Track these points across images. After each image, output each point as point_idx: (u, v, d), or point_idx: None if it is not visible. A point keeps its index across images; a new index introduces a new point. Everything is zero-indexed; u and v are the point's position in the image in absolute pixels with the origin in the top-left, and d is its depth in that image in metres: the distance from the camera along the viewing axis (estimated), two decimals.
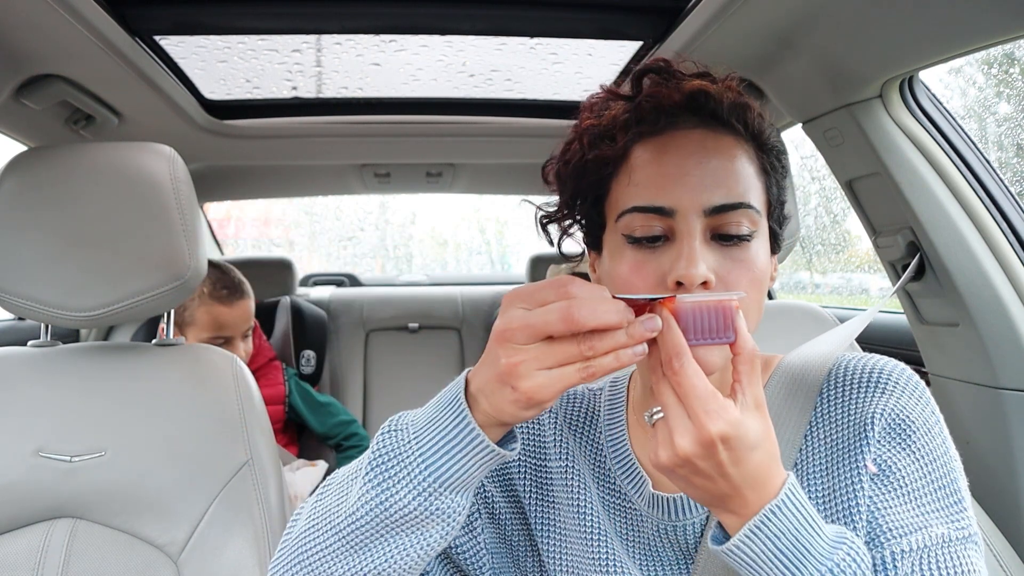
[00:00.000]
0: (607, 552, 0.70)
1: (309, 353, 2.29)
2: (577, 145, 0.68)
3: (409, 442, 0.57)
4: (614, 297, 0.52)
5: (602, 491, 0.74)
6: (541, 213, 0.75)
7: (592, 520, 0.71)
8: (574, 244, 0.77)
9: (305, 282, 3.01)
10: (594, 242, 0.71)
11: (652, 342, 0.54)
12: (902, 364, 0.69)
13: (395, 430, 0.59)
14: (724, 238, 0.62)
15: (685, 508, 0.68)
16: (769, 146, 0.67)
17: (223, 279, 1.75)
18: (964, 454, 0.68)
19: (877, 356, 0.70)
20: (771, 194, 0.67)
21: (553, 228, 0.76)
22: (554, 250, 0.78)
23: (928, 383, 1.27)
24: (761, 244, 0.64)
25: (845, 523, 0.63)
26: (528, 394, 0.51)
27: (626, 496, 0.72)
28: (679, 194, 0.61)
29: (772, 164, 0.67)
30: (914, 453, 0.64)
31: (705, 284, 0.60)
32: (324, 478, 2.00)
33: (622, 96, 0.67)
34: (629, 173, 0.64)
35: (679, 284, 0.60)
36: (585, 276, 2.26)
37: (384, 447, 0.58)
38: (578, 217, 0.72)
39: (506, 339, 0.52)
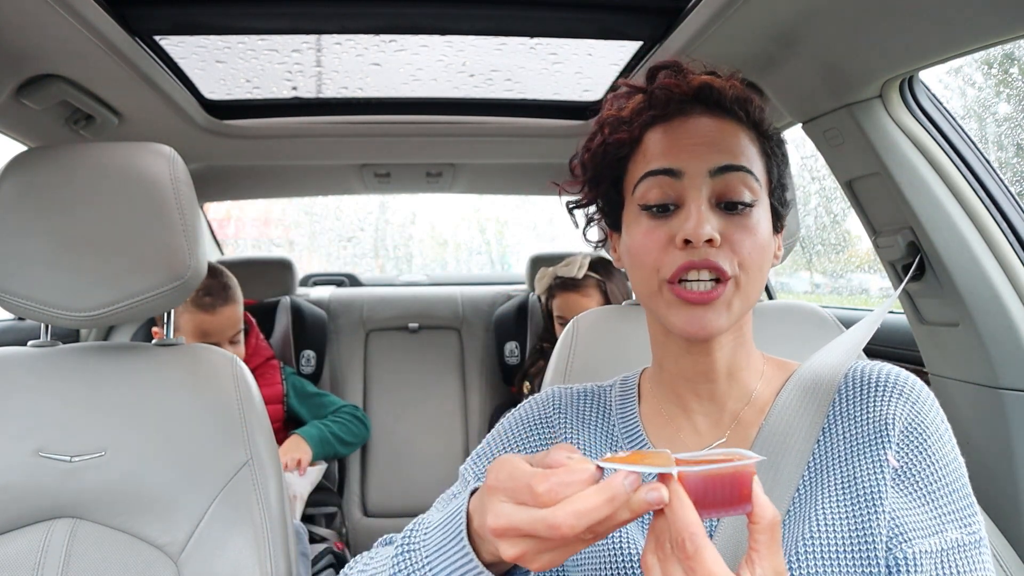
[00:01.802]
0: (622, 533, 0.70)
1: (309, 353, 2.29)
2: (599, 134, 0.74)
3: (423, 567, 0.59)
4: (599, 466, 0.48)
5: None
6: (568, 198, 0.81)
7: None
8: (584, 235, 0.84)
9: (305, 282, 3.00)
10: (614, 223, 0.77)
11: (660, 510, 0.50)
12: (911, 374, 0.72)
13: (410, 551, 0.61)
14: (728, 206, 0.67)
15: None
16: (769, 134, 0.73)
17: (208, 284, 1.72)
18: (964, 454, 0.70)
19: (888, 364, 0.73)
20: (771, 174, 0.73)
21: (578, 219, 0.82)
22: (553, 249, 0.81)
23: (928, 383, 1.27)
24: (763, 214, 0.69)
25: (866, 508, 0.65)
26: (540, 569, 0.51)
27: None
28: (686, 158, 0.68)
29: (772, 149, 0.73)
30: (929, 458, 0.67)
31: (710, 242, 0.65)
32: (322, 478, 1.97)
33: (638, 88, 0.74)
34: (643, 152, 0.71)
35: (687, 242, 0.65)
36: (573, 280, 2.24)
37: (402, 571, 0.61)
38: (600, 202, 0.78)
39: (500, 536, 0.51)
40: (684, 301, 0.66)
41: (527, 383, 2.18)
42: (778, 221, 0.74)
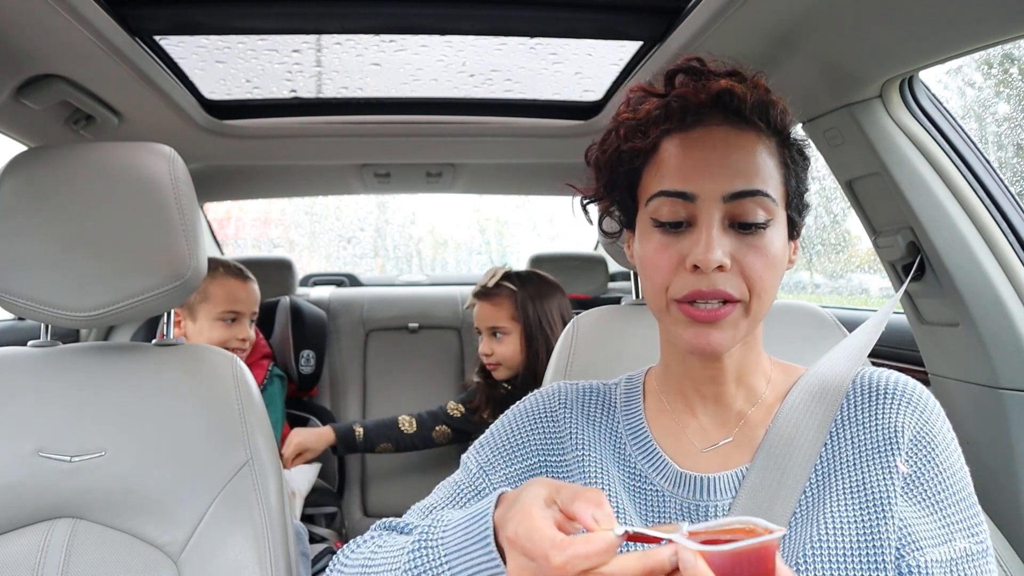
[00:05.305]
0: None
1: (309, 353, 2.29)
2: (614, 136, 0.73)
3: (441, 563, 0.60)
4: (623, 533, 0.48)
5: (623, 474, 0.75)
6: (582, 195, 0.80)
7: (612, 500, 0.72)
8: (600, 226, 0.83)
9: (305, 282, 3.00)
10: (629, 223, 0.77)
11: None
12: (918, 382, 0.73)
13: (427, 546, 0.61)
14: (742, 226, 0.66)
15: (713, 489, 0.70)
16: (791, 140, 0.72)
17: (232, 266, 1.82)
18: (964, 454, 0.70)
19: (895, 372, 0.74)
20: (789, 185, 0.71)
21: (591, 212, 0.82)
22: (553, 249, 0.81)
23: (928, 383, 1.27)
24: (777, 231, 0.68)
25: (876, 513, 0.65)
26: None
27: (648, 479, 0.73)
28: (701, 182, 0.66)
29: (793, 157, 0.71)
30: (938, 467, 0.67)
31: (720, 268, 0.64)
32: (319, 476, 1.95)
33: (655, 93, 0.72)
34: (658, 164, 0.70)
35: (695, 267, 0.64)
36: (484, 289, 2.20)
37: (418, 566, 0.61)
38: (616, 200, 0.77)
39: None
40: (692, 319, 0.66)
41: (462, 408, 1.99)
42: (794, 229, 0.74)
